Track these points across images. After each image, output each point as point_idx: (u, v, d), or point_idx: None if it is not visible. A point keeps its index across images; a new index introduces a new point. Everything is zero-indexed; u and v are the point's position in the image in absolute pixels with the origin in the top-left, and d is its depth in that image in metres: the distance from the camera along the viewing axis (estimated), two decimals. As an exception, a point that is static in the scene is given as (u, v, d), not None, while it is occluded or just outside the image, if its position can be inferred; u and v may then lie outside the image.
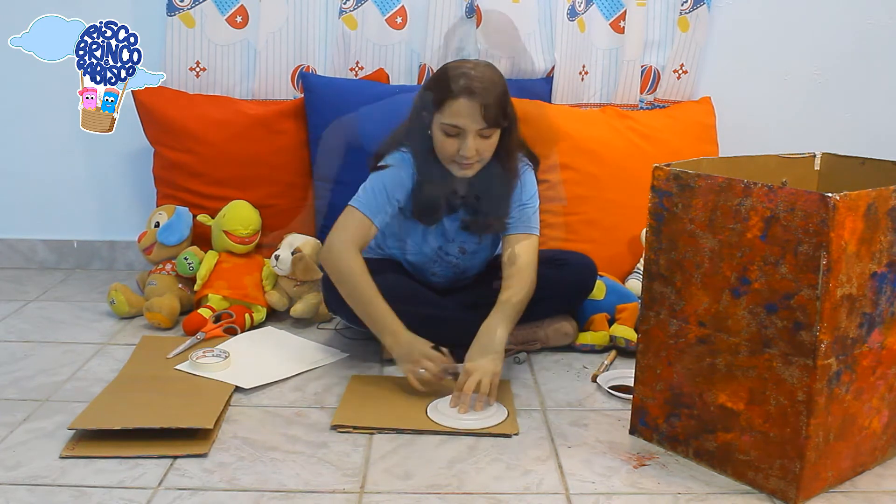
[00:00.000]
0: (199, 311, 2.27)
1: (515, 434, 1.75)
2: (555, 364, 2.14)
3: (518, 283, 1.98)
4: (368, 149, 2.13)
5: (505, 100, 1.93)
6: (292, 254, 2.36)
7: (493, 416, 1.81)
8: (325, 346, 2.20)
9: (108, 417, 1.73)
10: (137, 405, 1.80)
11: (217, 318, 2.24)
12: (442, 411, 1.82)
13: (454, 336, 2.09)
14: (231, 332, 2.23)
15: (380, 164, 2.03)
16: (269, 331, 2.30)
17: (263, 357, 2.10)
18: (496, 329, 1.91)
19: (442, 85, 1.91)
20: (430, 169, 1.99)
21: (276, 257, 2.38)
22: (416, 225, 2.10)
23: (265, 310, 2.37)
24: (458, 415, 1.80)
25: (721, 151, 2.67)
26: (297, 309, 2.32)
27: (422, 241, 2.13)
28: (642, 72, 2.75)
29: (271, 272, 2.42)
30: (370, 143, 2.14)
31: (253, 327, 2.32)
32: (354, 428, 1.75)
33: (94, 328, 2.32)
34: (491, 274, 2.16)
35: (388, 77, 2.65)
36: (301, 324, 2.36)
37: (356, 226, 1.96)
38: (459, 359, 2.10)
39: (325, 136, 2.54)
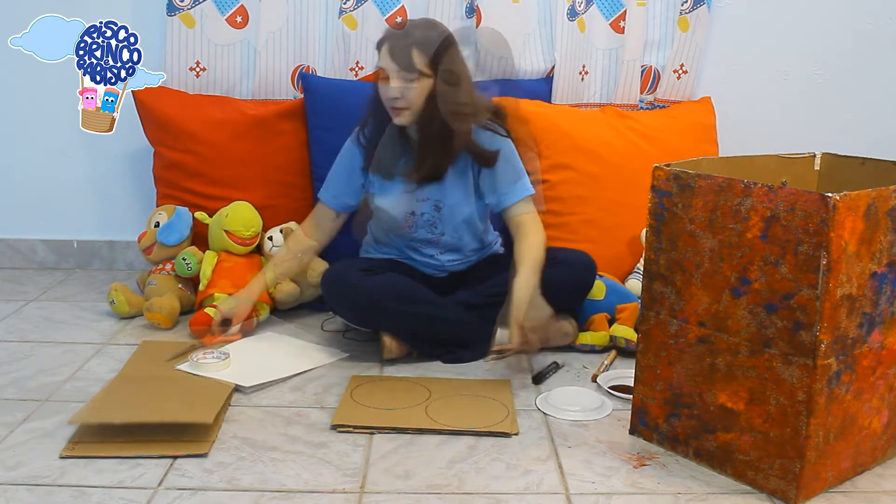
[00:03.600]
0: (205, 310, 2.26)
1: (515, 434, 1.75)
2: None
3: (529, 242, 2.09)
4: None
5: (429, 49, 2.02)
6: (280, 231, 2.46)
7: (598, 407, 1.87)
8: (326, 346, 2.20)
9: (108, 413, 1.73)
10: (137, 402, 1.80)
11: (224, 324, 2.23)
12: (552, 403, 1.88)
13: (454, 336, 2.10)
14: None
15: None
16: (270, 332, 2.30)
17: (263, 357, 2.10)
18: (530, 283, 2.00)
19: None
20: (378, 125, 2.14)
21: (271, 238, 2.46)
22: (386, 189, 2.15)
23: (269, 307, 2.37)
24: (566, 406, 1.86)
25: (721, 151, 2.67)
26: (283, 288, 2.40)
27: (395, 203, 2.16)
28: (642, 72, 2.75)
29: (273, 274, 2.43)
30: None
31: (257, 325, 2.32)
32: (354, 428, 1.75)
33: (94, 328, 2.32)
34: (489, 274, 2.17)
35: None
36: (301, 322, 2.36)
37: (313, 213, 2.30)
38: (461, 360, 2.11)
39: None
